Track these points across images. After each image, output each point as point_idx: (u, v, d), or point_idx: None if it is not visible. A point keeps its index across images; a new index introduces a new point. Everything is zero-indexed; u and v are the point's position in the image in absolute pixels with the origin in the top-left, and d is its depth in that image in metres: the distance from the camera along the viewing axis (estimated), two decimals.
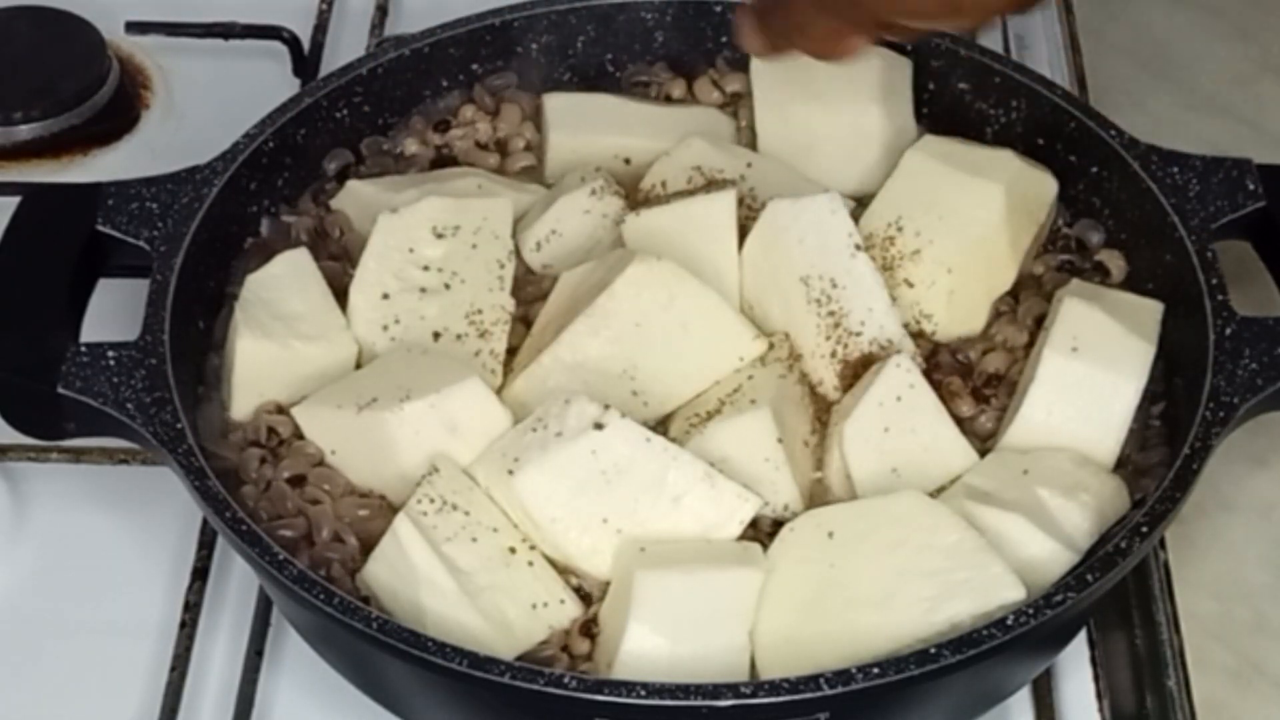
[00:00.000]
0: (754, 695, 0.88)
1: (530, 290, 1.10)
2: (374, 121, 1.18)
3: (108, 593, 1.09)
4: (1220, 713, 1.02)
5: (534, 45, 1.20)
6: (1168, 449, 1.01)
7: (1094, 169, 1.13)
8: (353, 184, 1.15)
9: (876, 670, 0.88)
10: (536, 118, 1.19)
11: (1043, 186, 1.13)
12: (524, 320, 1.09)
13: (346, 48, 1.37)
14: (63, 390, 1.00)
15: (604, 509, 0.97)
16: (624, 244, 1.09)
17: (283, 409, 1.04)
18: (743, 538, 0.98)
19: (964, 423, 1.04)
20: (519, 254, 1.11)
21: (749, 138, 1.18)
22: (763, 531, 1.00)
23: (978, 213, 1.09)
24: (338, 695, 1.00)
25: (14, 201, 1.09)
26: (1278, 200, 1.09)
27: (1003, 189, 1.09)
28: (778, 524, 0.99)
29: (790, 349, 1.06)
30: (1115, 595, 1.04)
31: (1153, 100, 1.34)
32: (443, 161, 1.18)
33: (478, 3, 1.20)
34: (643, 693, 0.88)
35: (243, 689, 1.02)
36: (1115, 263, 1.11)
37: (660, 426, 1.03)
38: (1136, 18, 1.40)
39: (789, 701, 0.88)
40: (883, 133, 1.15)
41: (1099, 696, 1.04)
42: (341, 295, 1.08)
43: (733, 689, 0.88)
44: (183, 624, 1.05)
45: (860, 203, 1.12)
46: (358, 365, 1.07)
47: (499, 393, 1.04)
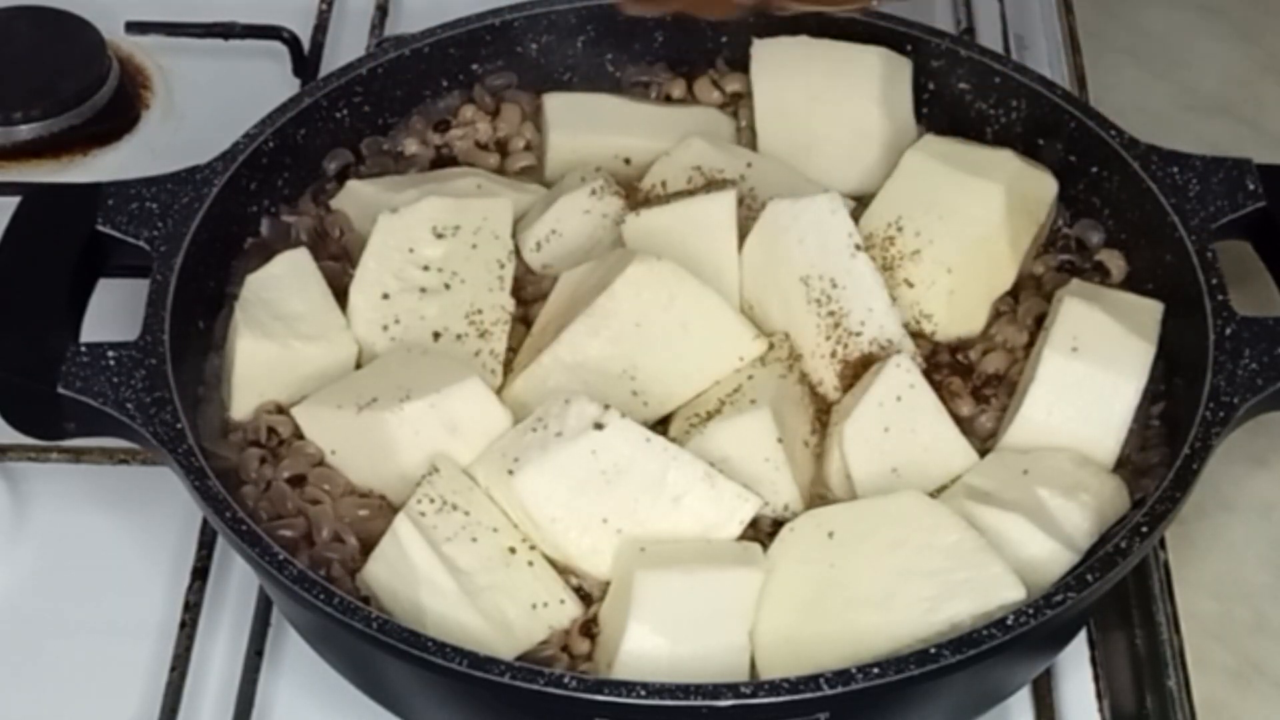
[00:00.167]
0: (754, 695, 0.88)
1: (530, 290, 1.10)
2: (374, 121, 1.18)
3: (108, 593, 1.09)
4: (1220, 713, 1.02)
5: (534, 45, 1.20)
6: (1168, 449, 1.01)
7: (1094, 169, 1.13)
8: (353, 184, 1.15)
9: (876, 670, 0.88)
10: (536, 118, 1.19)
11: (1043, 186, 1.13)
12: (524, 320, 1.09)
13: (346, 48, 1.37)
14: (63, 390, 1.00)
15: (604, 509, 0.97)
16: (624, 244, 1.09)
17: (283, 409, 1.04)
18: (743, 538, 0.98)
19: (964, 423, 1.04)
20: (519, 254, 1.11)
21: (749, 138, 1.18)
22: (763, 531, 1.00)
23: (978, 213, 1.09)
24: (338, 695, 1.00)
25: (14, 201, 1.09)
26: (1278, 200, 1.09)
27: (1003, 189, 1.09)
28: (778, 524, 0.99)
29: (790, 349, 1.06)
30: (1115, 595, 1.04)
31: (1153, 100, 1.34)
32: (443, 161, 1.18)
33: (478, 3, 1.20)
34: (643, 693, 0.88)
35: (243, 689, 1.02)
36: (1115, 263, 1.11)
37: (660, 426, 1.03)
38: (1136, 18, 1.40)
39: (789, 701, 0.88)
40: (883, 133, 1.15)
41: (1099, 696, 1.04)
42: (341, 295, 1.08)
43: (733, 689, 0.88)
44: (183, 624, 1.05)
45: (860, 203, 1.12)
46: (358, 365, 1.07)
47: (499, 393, 1.04)
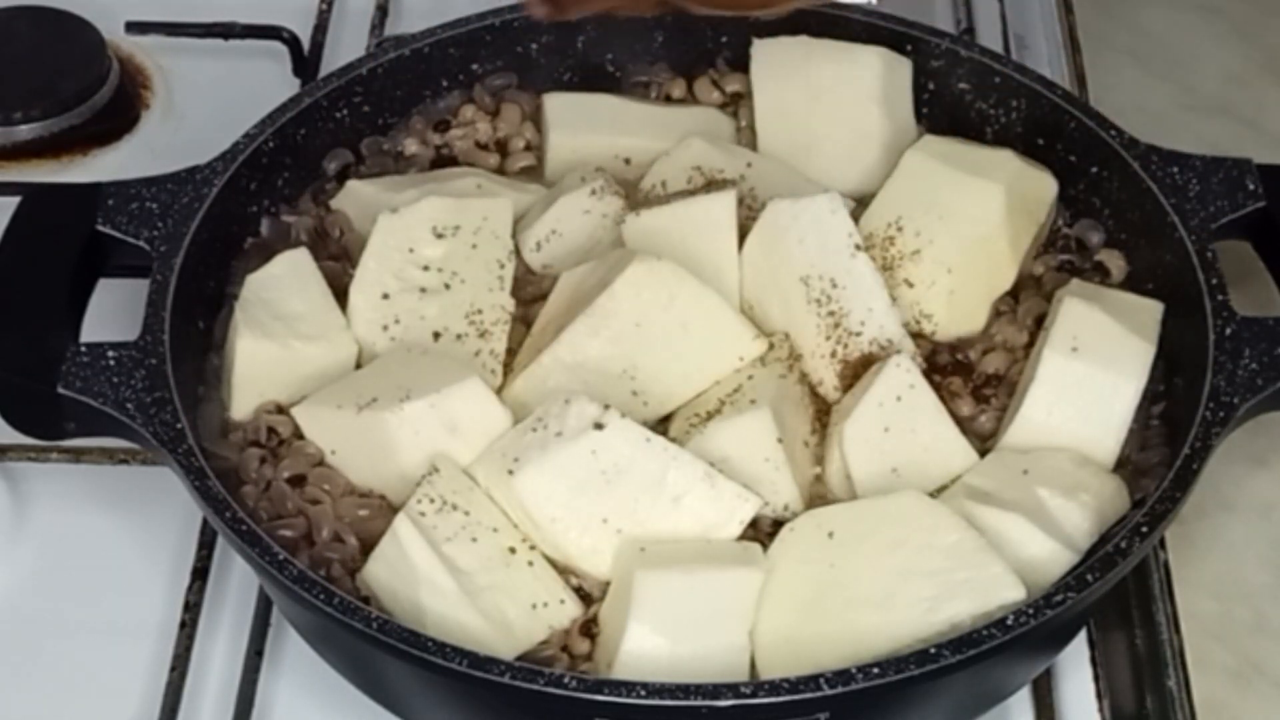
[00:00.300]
0: (754, 695, 0.88)
1: (530, 290, 1.10)
2: (374, 121, 1.18)
3: (108, 593, 1.09)
4: (1220, 713, 1.02)
5: (534, 45, 1.20)
6: (1168, 449, 1.01)
7: (1094, 169, 1.13)
8: (353, 184, 1.15)
9: (876, 670, 0.88)
10: (536, 118, 1.19)
11: (1043, 186, 1.13)
12: (524, 320, 1.08)
13: (346, 48, 1.37)
14: (63, 390, 1.00)
15: (604, 509, 0.97)
16: (624, 244, 1.09)
17: (283, 409, 1.04)
18: (743, 538, 0.98)
19: (964, 423, 1.04)
20: (519, 254, 1.11)
21: (749, 138, 1.18)
22: (763, 531, 1.00)
23: (978, 213, 1.09)
24: (338, 695, 1.00)
25: (14, 201, 1.09)
26: (1278, 200, 1.09)
27: (1003, 189, 1.09)
28: (778, 524, 0.99)
29: (790, 349, 1.06)
30: (1115, 595, 1.04)
31: (1153, 100, 1.34)
32: (443, 161, 1.18)
33: (478, 3, 1.20)
34: (643, 693, 0.88)
35: (243, 689, 1.02)
36: (1115, 263, 1.11)
37: (660, 426, 1.03)
38: (1136, 18, 1.40)
39: (789, 701, 0.88)
40: (883, 133, 1.15)
41: (1099, 696, 1.04)
42: (341, 295, 1.08)
43: (733, 689, 0.88)
44: (183, 624, 1.05)
45: (860, 203, 1.12)
46: (358, 365, 1.06)
47: (499, 393, 1.04)
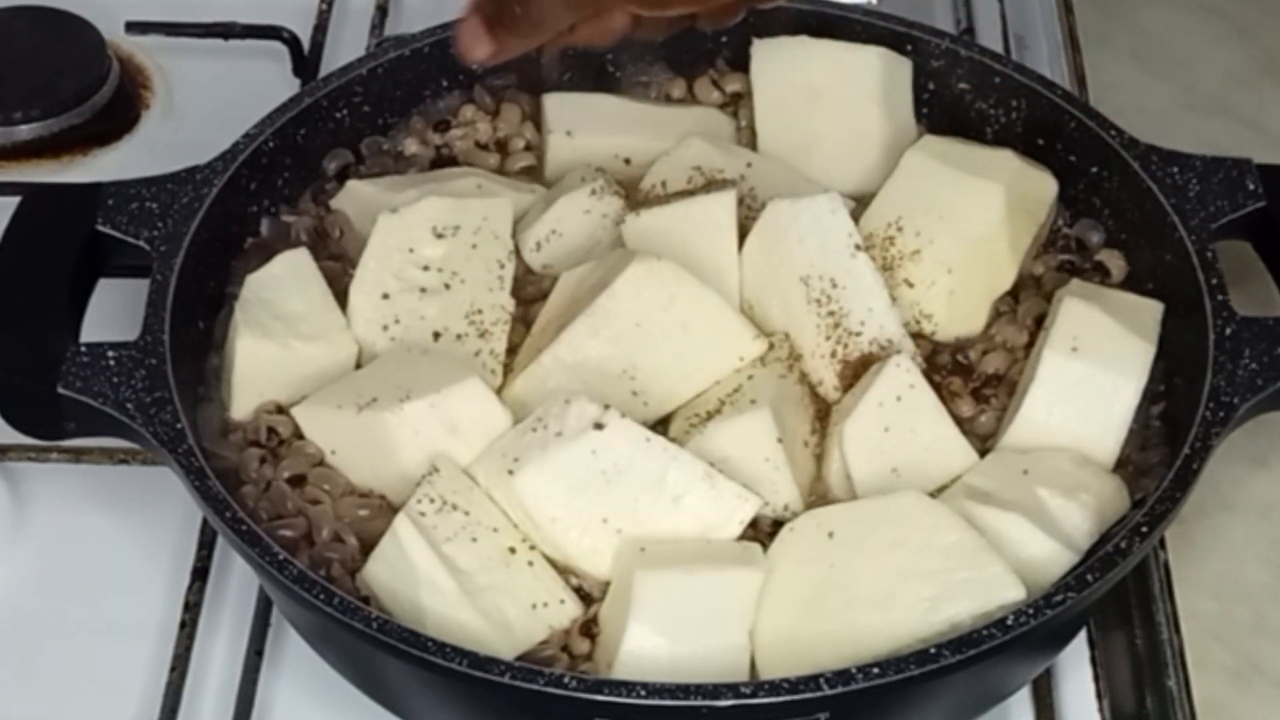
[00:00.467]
0: (754, 695, 0.88)
1: (530, 290, 1.10)
2: (374, 121, 1.18)
3: (108, 593, 1.09)
4: (1220, 713, 1.02)
5: None
6: (1168, 449, 1.01)
7: (1094, 169, 1.13)
8: (353, 184, 1.15)
9: (876, 670, 0.88)
10: (536, 118, 1.19)
11: (1043, 186, 1.13)
12: (524, 320, 1.08)
13: (346, 48, 1.37)
14: (63, 390, 1.00)
15: (604, 509, 0.97)
16: (624, 244, 1.09)
17: (283, 409, 1.04)
18: (743, 538, 0.98)
19: (964, 423, 1.04)
20: (519, 254, 1.11)
21: (749, 138, 1.18)
22: (763, 531, 1.00)
23: (978, 213, 1.09)
24: (338, 695, 1.00)
25: (14, 201, 1.09)
26: (1278, 200, 1.09)
27: (1003, 189, 1.09)
28: (778, 524, 0.99)
29: (790, 349, 1.06)
30: (1115, 595, 1.04)
31: (1153, 100, 1.34)
32: (443, 161, 1.18)
33: None
34: (643, 693, 0.88)
35: (243, 689, 1.02)
36: (1115, 263, 1.11)
37: (660, 426, 1.03)
38: (1136, 18, 1.40)
39: (789, 701, 0.88)
40: (883, 133, 1.15)
41: (1099, 696, 1.04)
42: (341, 295, 1.08)
43: (733, 689, 0.88)
44: (183, 624, 1.05)
45: (860, 203, 1.12)
46: (358, 365, 1.06)
47: (499, 393, 1.04)
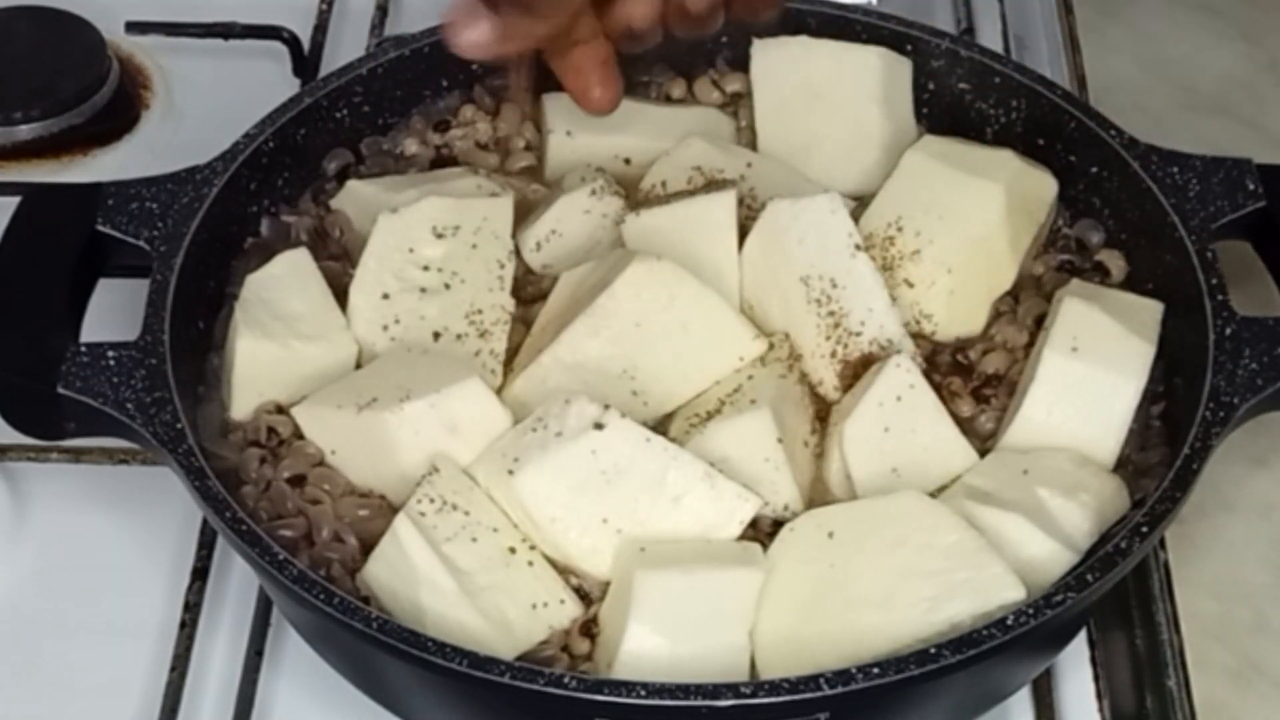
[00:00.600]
0: (754, 695, 0.88)
1: (530, 290, 1.10)
2: (374, 121, 1.18)
3: (108, 593, 1.09)
4: (1220, 713, 1.02)
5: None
6: (1168, 449, 1.01)
7: (1094, 169, 1.13)
8: (353, 184, 1.15)
9: (876, 670, 0.88)
10: (536, 118, 1.19)
11: (1043, 186, 1.13)
12: (524, 320, 1.08)
13: (346, 48, 1.37)
14: (63, 390, 1.00)
15: (604, 509, 0.97)
16: (624, 244, 1.09)
17: (283, 409, 1.04)
18: (743, 538, 0.98)
19: (964, 423, 1.04)
20: (519, 254, 1.11)
21: (749, 138, 1.18)
22: (763, 531, 1.00)
23: (978, 213, 1.09)
24: (338, 695, 1.00)
25: (14, 201, 1.09)
26: (1278, 200, 1.09)
27: (1003, 189, 1.09)
28: (778, 524, 0.99)
29: (790, 349, 1.06)
30: (1115, 595, 1.04)
31: (1153, 100, 1.34)
32: (443, 161, 1.18)
33: None
34: (643, 693, 0.88)
35: (243, 689, 1.02)
36: (1115, 263, 1.11)
37: (660, 426, 1.03)
38: (1136, 18, 1.40)
39: (789, 701, 0.88)
40: (883, 133, 1.15)
41: (1099, 696, 1.05)
42: (341, 295, 1.07)
43: (733, 689, 0.88)
44: (183, 624, 1.05)
45: (860, 203, 1.12)
46: (358, 365, 1.06)
47: (499, 393, 1.04)
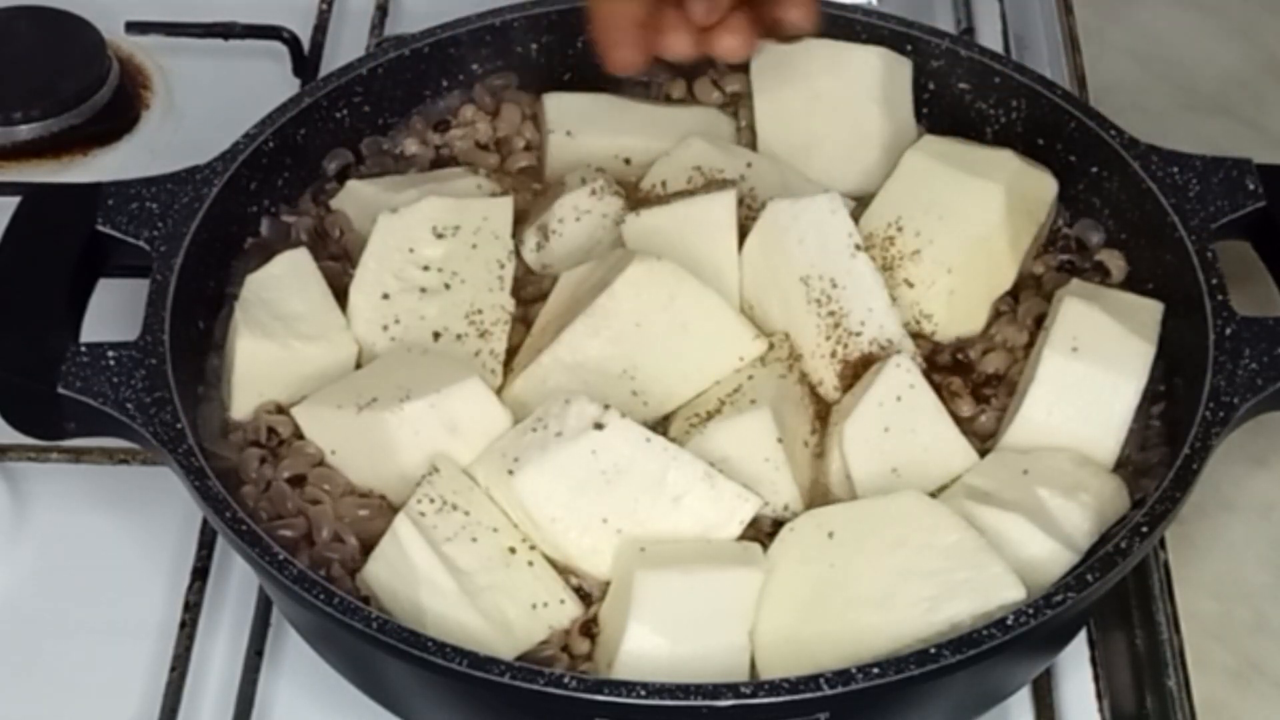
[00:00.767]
0: (754, 695, 0.88)
1: (530, 290, 1.10)
2: (374, 121, 1.18)
3: (108, 593, 1.09)
4: (1220, 713, 1.02)
5: (534, 45, 1.20)
6: (1168, 449, 1.01)
7: (1094, 169, 1.13)
8: (353, 184, 1.15)
9: (876, 670, 0.88)
10: (536, 118, 1.19)
11: (1043, 186, 1.13)
12: (524, 320, 1.08)
13: (346, 48, 1.37)
14: (63, 390, 1.00)
15: (604, 509, 0.97)
16: (624, 244, 1.09)
17: (283, 409, 1.04)
18: (743, 538, 0.98)
19: (964, 423, 1.04)
20: (519, 254, 1.11)
21: (749, 138, 1.18)
22: (763, 531, 1.00)
23: (978, 213, 1.09)
24: (338, 695, 1.00)
25: (14, 201, 1.09)
26: (1278, 200, 1.09)
27: (1003, 189, 1.09)
28: (778, 524, 0.99)
29: (790, 349, 1.06)
30: (1115, 595, 1.04)
31: (1153, 100, 1.34)
32: (443, 161, 1.18)
33: (478, 3, 1.20)
34: (643, 693, 0.88)
35: (243, 689, 1.02)
36: (1115, 263, 1.11)
37: (660, 426, 1.03)
38: (1136, 18, 1.40)
39: (789, 701, 0.88)
40: (883, 133, 1.15)
41: (1099, 696, 1.04)
42: (341, 295, 1.07)
43: (733, 689, 0.88)
44: (183, 624, 1.05)
45: (860, 203, 1.12)
46: (358, 365, 1.06)
47: (499, 393, 1.03)
